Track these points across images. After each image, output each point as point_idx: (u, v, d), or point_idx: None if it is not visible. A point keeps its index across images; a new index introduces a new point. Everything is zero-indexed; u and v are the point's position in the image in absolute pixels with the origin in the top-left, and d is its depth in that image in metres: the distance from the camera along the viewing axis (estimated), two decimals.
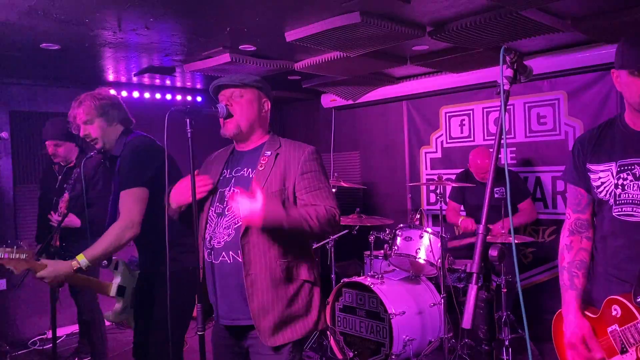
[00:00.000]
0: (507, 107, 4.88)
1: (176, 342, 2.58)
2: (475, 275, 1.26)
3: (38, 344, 4.84)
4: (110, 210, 2.71)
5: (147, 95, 5.47)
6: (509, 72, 1.49)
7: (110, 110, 2.68)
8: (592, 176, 1.86)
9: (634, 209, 1.73)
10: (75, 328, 4.81)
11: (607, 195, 1.80)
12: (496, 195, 4.25)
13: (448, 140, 5.41)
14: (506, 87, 1.46)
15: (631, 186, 1.74)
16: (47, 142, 3.81)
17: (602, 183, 1.82)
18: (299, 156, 2.12)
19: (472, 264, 1.28)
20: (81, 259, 2.39)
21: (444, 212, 4.06)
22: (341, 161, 6.36)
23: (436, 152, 5.51)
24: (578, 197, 1.94)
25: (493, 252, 1.27)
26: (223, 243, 2.09)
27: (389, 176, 5.93)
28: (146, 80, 5.09)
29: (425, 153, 5.60)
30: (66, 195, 3.49)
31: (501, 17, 3.13)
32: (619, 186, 1.76)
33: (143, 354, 2.62)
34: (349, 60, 4.09)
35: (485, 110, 5.10)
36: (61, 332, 4.84)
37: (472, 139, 5.18)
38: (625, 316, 1.70)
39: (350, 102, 5.83)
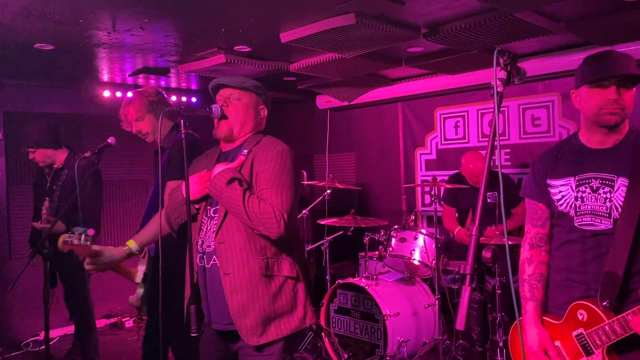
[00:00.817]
0: (502, 109, 4.93)
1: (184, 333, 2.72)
2: (468, 276, 1.27)
3: (31, 346, 4.82)
4: (151, 200, 2.92)
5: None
6: (502, 74, 1.50)
7: (158, 106, 2.89)
8: (552, 191, 1.98)
9: (593, 219, 1.87)
10: (68, 329, 4.80)
11: (568, 207, 1.92)
12: (489, 200, 4.25)
13: (443, 142, 5.42)
14: (500, 89, 1.46)
15: (589, 198, 1.88)
16: (29, 154, 3.83)
17: (563, 196, 1.94)
18: (267, 153, 2.07)
19: (465, 265, 1.29)
20: (132, 245, 2.50)
21: (438, 214, 4.07)
22: (336, 162, 6.36)
23: (431, 153, 5.52)
24: (538, 212, 2.05)
25: (486, 254, 1.27)
26: (213, 247, 2.08)
27: (384, 177, 5.94)
28: (141, 80, 5.08)
29: (420, 154, 5.61)
30: (46, 203, 3.47)
31: (495, 19, 3.14)
32: (579, 198, 1.90)
33: (152, 343, 2.78)
34: (344, 62, 4.09)
35: (479, 111, 5.12)
36: (54, 333, 4.82)
37: (466, 140, 5.19)
38: (591, 320, 1.81)
39: (346, 103, 5.83)
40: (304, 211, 4.92)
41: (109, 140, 3.12)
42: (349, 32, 3.29)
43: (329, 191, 4.80)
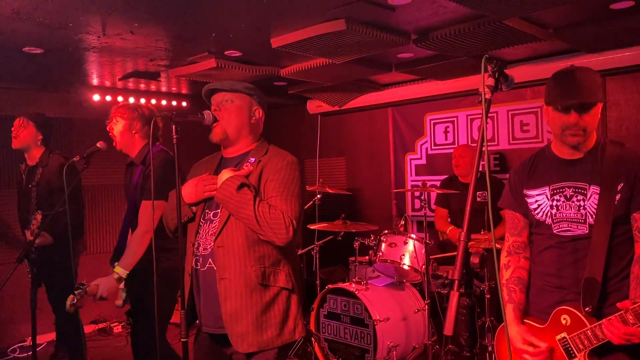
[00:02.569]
0: (491, 115, 4.96)
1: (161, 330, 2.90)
2: (456, 282, 1.27)
3: (18, 352, 4.77)
4: (126, 218, 3.04)
5: (131, 99, 5.43)
6: (490, 81, 1.51)
7: (141, 120, 3.07)
8: (529, 200, 2.05)
9: (569, 225, 1.93)
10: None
11: (544, 216, 1.99)
12: (479, 199, 4.28)
13: (432, 147, 5.45)
14: (487, 95, 1.48)
15: (564, 206, 1.95)
16: (17, 119, 3.75)
17: (539, 205, 2.01)
18: (277, 164, 2.11)
19: (454, 270, 1.29)
20: (119, 270, 2.74)
21: (428, 219, 4.08)
22: (327, 167, 6.37)
23: (421, 158, 5.55)
24: (515, 221, 2.12)
25: (474, 259, 1.28)
26: (210, 250, 2.08)
27: (374, 182, 5.95)
28: (131, 84, 5.06)
29: (410, 159, 5.64)
30: (38, 216, 3.43)
31: (484, 25, 3.17)
32: (554, 207, 1.97)
33: (137, 341, 3.00)
34: (335, 67, 4.10)
35: (469, 117, 5.15)
36: (42, 339, 4.77)
37: (456, 145, 5.22)
38: (574, 325, 1.87)
39: (336, 108, 5.84)
40: None
41: (98, 145, 3.11)
42: (339, 38, 3.30)
43: (319, 196, 4.80)
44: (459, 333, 1.31)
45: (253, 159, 2.15)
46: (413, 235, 3.95)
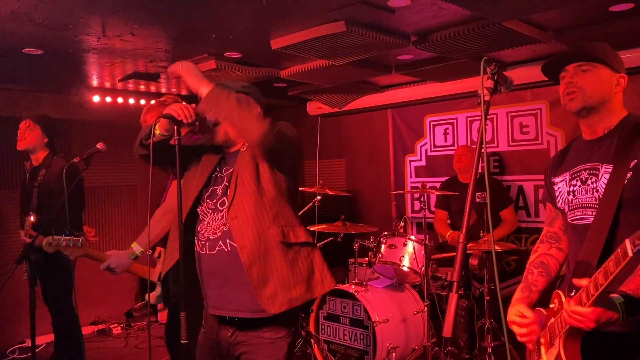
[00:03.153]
0: (490, 116, 4.97)
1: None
2: (455, 283, 1.28)
3: (17, 353, 4.77)
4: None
5: (131, 100, 5.44)
6: (489, 83, 1.51)
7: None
8: (555, 188, 1.91)
9: (584, 212, 1.77)
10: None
11: (563, 204, 1.85)
12: (478, 200, 4.27)
13: (432, 149, 5.45)
14: (487, 97, 1.48)
15: (580, 191, 1.79)
16: (23, 121, 3.75)
17: (560, 193, 1.87)
18: None
19: (452, 272, 1.30)
20: (134, 246, 2.68)
21: (428, 220, 4.08)
22: (327, 168, 6.37)
23: (420, 160, 5.55)
24: (548, 212, 2.01)
25: (473, 261, 1.28)
26: (220, 233, 2.09)
27: (374, 184, 5.95)
28: (131, 86, 5.06)
29: (410, 161, 5.64)
30: (29, 218, 3.42)
31: (484, 28, 3.18)
32: (571, 192, 1.82)
33: (173, 332, 2.93)
34: (335, 69, 4.11)
35: (468, 119, 5.15)
36: (41, 340, 4.76)
37: (455, 147, 5.22)
38: (559, 309, 1.70)
39: (336, 109, 5.85)
40: None
41: (98, 146, 3.11)
42: (339, 40, 3.31)
43: (319, 197, 4.80)
44: (458, 335, 1.31)
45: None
46: (413, 237, 3.95)
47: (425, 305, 3.83)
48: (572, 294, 1.62)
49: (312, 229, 4.43)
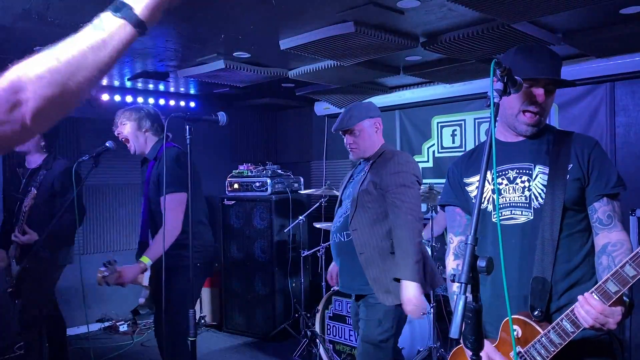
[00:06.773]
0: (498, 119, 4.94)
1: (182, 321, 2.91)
2: (463, 285, 1.27)
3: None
4: (144, 213, 3.07)
5: (140, 99, 5.46)
6: (499, 85, 1.50)
7: (146, 120, 3.18)
8: (468, 189, 1.88)
9: (512, 211, 1.74)
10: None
11: (485, 202, 1.79)
12: None
13: (439, 150, 5.44)
14: (496, 99, 1.47)
15: (507, 189, 1.76)
16: None
17: (481, 192, 1.77)
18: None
19: (460, 274, 1.29)
20: (146, 261, 2.83)
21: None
22: (333, 169, 6.37)
23: (428, 161, 5.54)
24: (457, 218, 1.93)
25: (481, 263, 1.28)
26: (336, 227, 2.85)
27: None
28: (140, 84, 5.09)
29: (417, 162, 5.62)
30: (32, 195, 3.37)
31: (493, 30, 3.17)
32: (496, 191, 1.78)
33: (161, 331, 3.06)
34: (343, 69, 4.11)
35: (476, 120, 5.14)
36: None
37: (463, 149, 5.21)
38: (527, 335, 1.62)
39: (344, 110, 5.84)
40: (300, 217, 4.93)
41: (107, 144, 3.12)
42: (348, 41, 3.31)
43: (325, 198, 4.81)
44: (465, 337, 1.30)
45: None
46: None
47: (431, 307, 3.82)
48: (537, 313, 1.62)
49: (318, 225, 4.46)
